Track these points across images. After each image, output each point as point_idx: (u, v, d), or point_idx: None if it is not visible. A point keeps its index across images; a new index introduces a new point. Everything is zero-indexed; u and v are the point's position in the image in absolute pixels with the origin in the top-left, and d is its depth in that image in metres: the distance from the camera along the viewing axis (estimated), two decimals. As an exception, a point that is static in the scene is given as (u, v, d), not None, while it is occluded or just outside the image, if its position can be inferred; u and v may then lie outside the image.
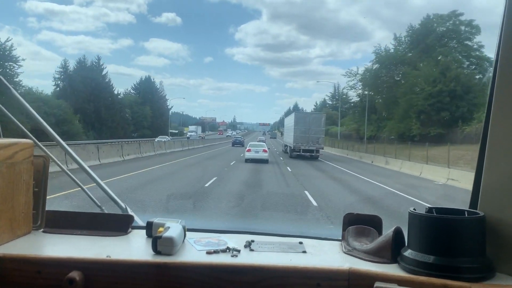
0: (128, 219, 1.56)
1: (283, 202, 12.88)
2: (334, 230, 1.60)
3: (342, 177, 22.04)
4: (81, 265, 1.21)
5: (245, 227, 1.62)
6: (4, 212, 1.33)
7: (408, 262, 1.20)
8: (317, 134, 35.41)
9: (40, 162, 1.51)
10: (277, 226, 8.27)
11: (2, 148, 1.32)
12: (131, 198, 11.35)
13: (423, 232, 1.19)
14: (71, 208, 7.73)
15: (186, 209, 10.95)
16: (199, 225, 1.62)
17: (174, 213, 10.16)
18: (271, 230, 1.59)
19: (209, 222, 8.06)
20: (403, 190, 16.54)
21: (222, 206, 11.54)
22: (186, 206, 11.46)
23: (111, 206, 1.83)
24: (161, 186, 15.12)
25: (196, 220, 6.87)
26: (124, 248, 1.40)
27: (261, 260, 1.27)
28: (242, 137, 78.52)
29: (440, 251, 1.15)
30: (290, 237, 1.53)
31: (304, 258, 1.33)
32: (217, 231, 1.56)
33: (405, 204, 12.78)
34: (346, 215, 1.50)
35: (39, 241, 1.42)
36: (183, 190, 14.50)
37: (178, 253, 1.31)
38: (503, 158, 1.19)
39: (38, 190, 1.50)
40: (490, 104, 1.23)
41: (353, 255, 1.34)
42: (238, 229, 1.59)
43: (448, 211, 1.24)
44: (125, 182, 15.09)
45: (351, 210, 1.58)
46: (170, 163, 24.86)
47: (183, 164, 25.30)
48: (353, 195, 15.48)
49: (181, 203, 12.00)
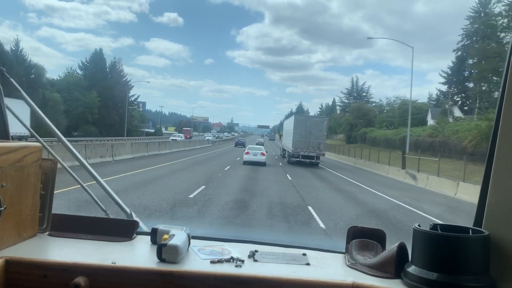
0: (133, 224, 1.57)
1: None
2: (337, 242, 1.61)
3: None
4: (87, 271, 1.22)
5: (248, 236, 1.62)
6: (11, 215, 1.34)
7: (411, 278, 1.21)
8: (318, 139, 33.31)
9: (47, 165, 1.52)
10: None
11: (12, 151, 1.33)
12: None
13: (427, 248, 1.20)
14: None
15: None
16: (202, 232, 1.63)
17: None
18: (274, 240, 1.60)
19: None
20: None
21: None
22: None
23: (110, 208, 1.83)
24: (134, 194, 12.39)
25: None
26: (129, 255, 1.40)
27: (265, 271, 1.28)
28: (244, 139, 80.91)
29: (444, 269, 1.16)
30: (293, 248, 1.54)
31: (308, 270, 1.34)
32: (220, 239, 1.57)
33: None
34: (350, 228, 1.50)
35: (45, 244, 1.43)
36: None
37: (182, 261, 1.32)
38: (509, 176, 1.20)
39: (45, 193, 1.51)
40: (497, 121, 1.23)
41: (356, 269, 1.35)
42: (241, 238, 1.60)
43: (452, 228, 1.24)
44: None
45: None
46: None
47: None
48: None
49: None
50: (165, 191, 14.30)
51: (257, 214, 11.18)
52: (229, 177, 20.62)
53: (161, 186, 15.50)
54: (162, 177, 18.36)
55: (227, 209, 11.72)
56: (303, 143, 33.04)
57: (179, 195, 13.35)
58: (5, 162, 1.29)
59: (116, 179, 15.79)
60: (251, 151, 30.96)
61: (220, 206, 11.97)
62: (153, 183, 15.75)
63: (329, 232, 9.57)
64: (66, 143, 1.74)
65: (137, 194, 12.69)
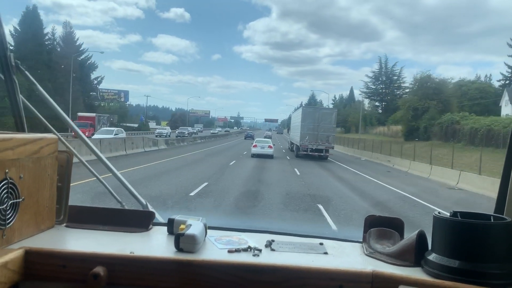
0: (150, 215, 1.58)
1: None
2: (354, 231, 1.59)
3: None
4: (105, 261, 1.22)
5: (265, 226, 1.62)
6: (29, 206, 1.35)
7: (432, 266, 1.19)
8: (327, 131, 32.25)
9: (63, 157, 1.52)
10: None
11: (29, 143, 1.33)
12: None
13: (449, 236, 1.18)
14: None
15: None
16: (218, 223, 1.63)
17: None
18: (290, 230, 1.59)
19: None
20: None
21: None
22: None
23: (125, 199, 1.76)
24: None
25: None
26: (146, 245, 1.41)
27: (282, 260, 1.27)
28: (253, 132, 79.14)
29: (466, 256, 1.14)
30: (310, 238, 1.53)
31: (326, 259, 1.33)
32: (237, 230, 1.57)
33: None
34: (368, 217, 1.49)
35: (63, 235, 1.44)
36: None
37: (199, 251, 1.32)
38: None
39: (62, 185, 1.52)
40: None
41: (375, 258, 1.34)
42: (258, 228, 1.60)
43: (473, 215, 1.23)
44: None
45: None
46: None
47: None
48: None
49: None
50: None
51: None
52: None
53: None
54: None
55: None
56: (311, 136, 32.24)
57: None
58: (22, 154, 1.30)
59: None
60: (258, 144, 31.38)
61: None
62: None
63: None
64: (81, 135, 1.75)
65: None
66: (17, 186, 1.28)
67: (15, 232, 1.29)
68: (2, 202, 1.22)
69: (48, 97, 1.67)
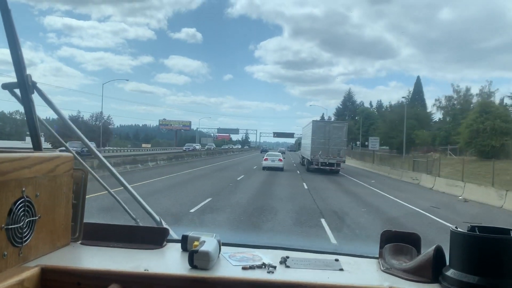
0: (164, 232, 1.58)
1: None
2: (370, 247, 1.57)
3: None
4: (120, 278, 1.22)
5: (278, 243, 1.60)
6: (45, 224, 1.36)
7: (451, 282, 1.16)
8: (337, 145, 32.17)
9: (79, 175, 1.54)
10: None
11: (45, 161, 1.35)
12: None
13: (467, 251, 1.16)
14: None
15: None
16: (232, 239, 1.62)
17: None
18: (305, 246, 1.57)
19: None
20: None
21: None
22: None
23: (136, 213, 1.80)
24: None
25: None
26: (161, 262, 1.41)
27: (298, 277, 1.26)
28: (267, 147, 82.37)
29: (486, 272, 1.12)
30: (325, 254, 1.51)
31: (342, 276, 1.31)
32: (251, 246, 1.56)
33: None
34: (384, 232, 1.47)
35: (78, 253, 1.45)
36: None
37: (214, 268, 1.31)
38: None
39: (77, 202, 1.54)
40: None
41: (392, 274, 1.31)
42: (272, 244, 1.58)
43: (491, 230, 1.20)
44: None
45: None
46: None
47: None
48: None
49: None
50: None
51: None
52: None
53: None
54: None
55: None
56: (322, 150, 32.11)
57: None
58: (39, 172, 1.32)
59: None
60: (269, 158, 33.93)
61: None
62: None
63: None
64: (96, 153, 1.77)
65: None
66: (33, 204, 1.29)
67: (31, 250, 1.30)
68: (19, 220, 1.23)
69: (65, 117, 1.70)
